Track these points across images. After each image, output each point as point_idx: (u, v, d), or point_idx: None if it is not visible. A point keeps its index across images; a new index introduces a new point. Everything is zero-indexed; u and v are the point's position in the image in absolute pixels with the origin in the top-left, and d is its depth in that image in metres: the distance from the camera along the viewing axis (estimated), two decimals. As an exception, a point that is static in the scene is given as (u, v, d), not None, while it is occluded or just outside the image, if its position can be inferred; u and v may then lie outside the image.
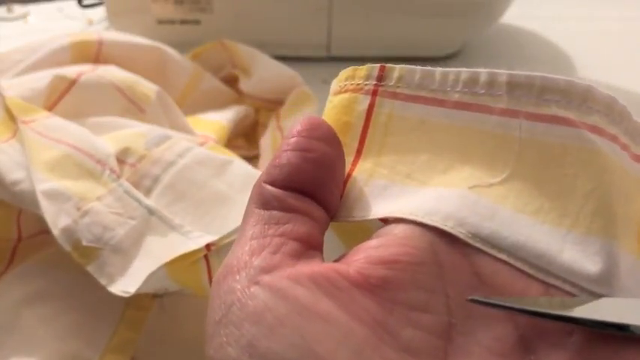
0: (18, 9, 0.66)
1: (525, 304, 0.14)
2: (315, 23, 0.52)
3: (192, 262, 0.23)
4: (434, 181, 0.16)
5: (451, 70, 0.17)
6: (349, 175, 0.18)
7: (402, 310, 0.14)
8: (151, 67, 0.41)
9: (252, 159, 0.39)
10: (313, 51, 0.54)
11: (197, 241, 0.25)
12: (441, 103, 0.17)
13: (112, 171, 0.27)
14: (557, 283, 0.15)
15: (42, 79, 0.34)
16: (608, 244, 0.15)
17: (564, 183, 0.15)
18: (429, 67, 0.18)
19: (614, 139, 0.16)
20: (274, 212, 0.16)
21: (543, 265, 0.15)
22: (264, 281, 0.14)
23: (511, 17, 0.58)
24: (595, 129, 0.16)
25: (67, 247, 0.25)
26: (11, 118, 0.30)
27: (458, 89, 0.17)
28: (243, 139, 0.44)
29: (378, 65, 0.18)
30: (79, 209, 0.25)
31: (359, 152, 0.18)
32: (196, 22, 0.53)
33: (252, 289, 0.14)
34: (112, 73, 0.36)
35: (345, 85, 0.19)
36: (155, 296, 0.27)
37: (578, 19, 0.64)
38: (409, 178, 0.17)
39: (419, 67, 0.18)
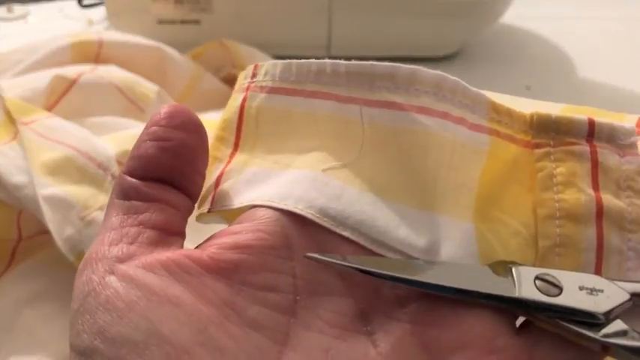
0: (18, 9, 0.67)
1: (364, 265, 0.15)
2: (315, 23, 0.52)
3: None
4: (295, 163, 0.18)
5: (305, 62, 0.18)
6: (225, 166, 0.19)
7: (250, 290, 0.15)
8: (151, 67, 0.41)
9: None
10: (313, 51, 0.54)
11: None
12: (298, 93, 0.18)
13: (114, 177, 0.27)
14: (396, 256, 0.16)
15: (42, 79, 0.34)
16: (434, 216, 0.16)
17: (401, 163, 0.17)
18: (289, 60, 0.19)
19: (444, 115, 0.17)
20: (133, 202, 0.16)
21: (384, 241, 0.16)
22: (118, 271, 0.15)
23: (511, 17, 0.58)
24: (422, 109, 0.17)
25: (70, 257, 0.25)
26: (11, 119, 0.30)
27: (310, 79, 0.18)
28: (243, 139, 0.44)
29: (254, 65, 0.20)
30: (82, 219, 0.26)
31: (236, 145, 0.19)
32: (196, 22, 0.53)
33: (106, 279, 0.15)
34: (112, 73, 0.36)
35: (235, 89, 0.20)
36: None
37: (578, 19, 0.64)
38: (276, 163, 0.18)
39: (280, 61, 0.19)
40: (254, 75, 0.20)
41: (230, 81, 0.46)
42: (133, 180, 0.17)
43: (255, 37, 0.48)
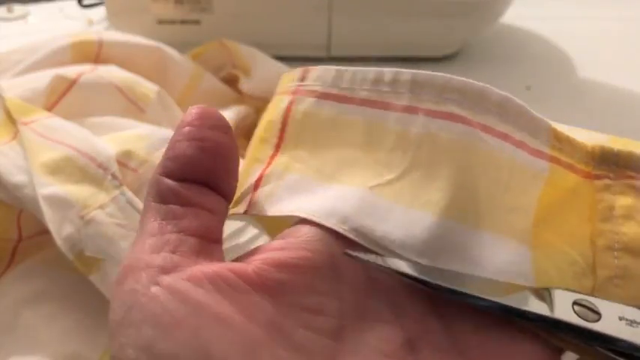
0: (18, 9, 0.66)
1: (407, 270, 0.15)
2: (315, 23, 0.52)
3: None
4: (340, 175, 0.17)
5: (360, 69, 0.18)
6: (266, 168, 0.18)
7: (297, 312, 0.15)
8: (151, 67, 0.41)
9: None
10: (313, 51, 0.54)
11: None
12: (349, 100, 0.18)
13: (114, 177, 0.27)
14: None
15: (42, 79, 0.34)
16: (486, 235, 0.16)
17: (457, 178, 0.16)
18: (343, 67, 0.18)
19: (504, 137, 0.17)
20: (171, 206, 0.16)
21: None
22: (163, 283, 0.14)
23: (511, 17, 0.58)
24: (486, 128, 0.17)
25: (70, 256, 0.25)
26: (11, 119, 0.30)
27: (365, 87, 0.18)
28: (243, 139, 0.43)
29: (303, 68, 0.19)
30: (81, 217, 0.25)
31: (277, 147, 0.19)
32: (196, 22, 0.53)
33: (152, 291, 0.14)
34: (112, 73, 0.36)
35: (278, 90, 0.20)
36: None
37: (578, 19, 0.64)
38: (319, 172, 0.18)
39: (334, 67, 0.19)
40: (303, 78, 0.19)
41: (230, 81, 0.46)
42: (171, 182, 0.16)
43: (255, 37, 0.48)
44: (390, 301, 0.15)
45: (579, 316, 0.15)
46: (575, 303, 0.15)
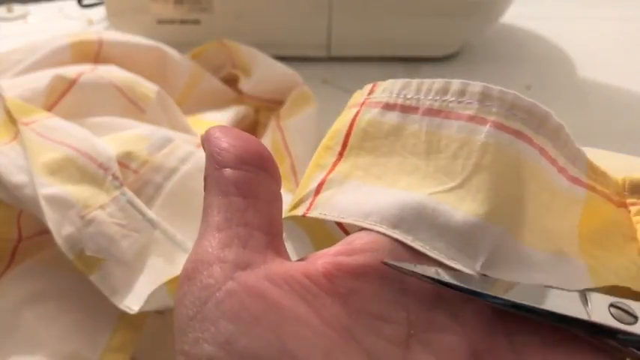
0: (18, 9, 0.66)
1: (450, 279, 0.15)
2: (315, 23, 0.52)
3: None
4: (401, 183, 0.18)
5: (426, 80, 0.19)
6: (327, 174, 0.19)
7: (367, 319, 0.15)
8: (151, 67, 0.41)
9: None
10: (313, 51, 0.54)
11: None
12: (413, 110, 0.18)
13: (115, 177, 0.27)
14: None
15: (42, 79, 0.34)
16: (536, 250, 0.17)
17: (511, 193, 0.17)
18: (409, 79, 0.19)
19: (553, 161, 0.18)
20: (233, 199, 0.16)
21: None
22: (240, 279, 0.14)
23: (511, 17, 0.58)
24: (542, 150, 0.18)
25: (70, 256, 0.25)
26: (12, 120, 0.30)
27: (430, 97, 0.18)
28: (243, 139, 0.43)
29: (373, 83, 0.20)
30: (82, 217, 0.25)
31: (340, 155, 0.19)
32: (196, 22, 0.53)
33: (228, 286, 0.14)
34: (111, 73, 0.36)
35: (348, 105, 0.20)
36: (158, 312, 0.27)
37: (578, 19, 0.64)
38: (380, 179, 0.18)
39: (401, 80, 0.19)
40: (371, 92, 0.20)
41: (230, 81, 0.46)
42: (230, 172, 0.16)
43: (255, 37, 0.48)
44: (456, 313, 0.16)
45: (615, 318, 0.15)
46: (611, 305, 0.15)
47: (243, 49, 0.45)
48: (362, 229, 0.17)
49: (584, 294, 0.15)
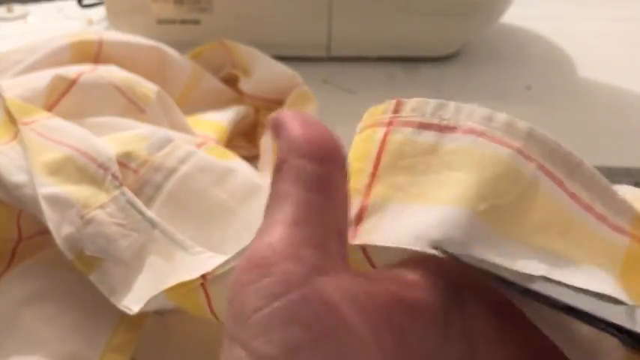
0: (18, 9, 0.66)
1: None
2: (315, 23, 0.52)
3: (189, 289, 0.23)
4: (443, 195, 0.17)
5: (466, 105, 0.18)
6: (366, 197, 0.18)
7: (414, 356, 0.15)
8: (151, 67, 0.41)
9: (252, 159, 0.39)
10: (313, 51, 0.54)
11: (198, 257, 0.25)
12: (452, 129, 0.18)
13: (114, 177, 0.27)
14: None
15: (42, 79, 0.34)
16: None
17: (547, 224, 0.17)
18: (443, 100, 0.19)
19: (588, 208, 0.18)
20: (315, 196, 0.15)
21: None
22: (317, 285, 0.14)
23: (511, 17, 0.58)
24: (574, 196, 0.18)
25: (70, 256, 0.25)
26: (12, 119, 0.30)
27: (472, 120, 0.18)
28: (243, 139, 0.43)
29: (395, 100, 0.19)
30: (81, 217, 0.25)
31: (373, 175, 0.19)
32: (196, 22, 0.53)
33: (305, 290, 0.13)
34: (111, 73, 0.36)
35: (367, 123, 0.20)
36: (157, 313, 0.27)
37: (578, 19, 0.64)
38: (421, 197, 0.18)
39: (432, 100, 0.19)
40: (396, 110, 0.19)
41: (230, 81, 0.46)
42: (314, 167, 0.15)
43: (255, 37, 0.48)
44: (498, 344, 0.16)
45: None
46: None
47: (243, 49, 0.45)
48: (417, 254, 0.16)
49: (631, 309, 0.15)
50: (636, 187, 0.22)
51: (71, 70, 0.35)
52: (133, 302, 0.24)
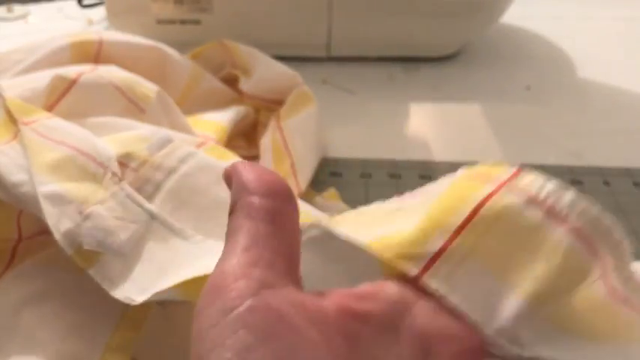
0: (18, 9, 0.67)
1: None
2: (315, 23, 0.52)
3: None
4: (523, 287, 0.17)
5: (576, 196, 0.18)
6: (447, 244, 0.18)
7: (365, 358, 0.16)
8: (151, 67, 0.41)
9: (252, 159, 0.39)
10: (313, 51, 0.54)
11: (199, 246, 0.25)
12: (560, 220, 0.18)
13: (114, 174, 0.27)
14: None
15: (42, 79, 0.34)
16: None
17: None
18: (562, 185, 0.18)
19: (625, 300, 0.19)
20: (262, 224, 0.17)
21: None
22: (264, 296, 0.15)
23: (511, 17, 0.58)
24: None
25: (69, 251, 0.25)
26: (12, 119, 0.30)
27: (576, 217, 0.18)
28: (243, 139, 0.44)
29: (516, 168, 0.19)
30: (80, 213, 0.25)
31: (466, 221, 0.18)
32: (196, 22, 0.53)
33: (252, 301, 0.15)
34: (112, 73, 0.36)
35: (479, 175, 0.19)
36: (159, 304, 0.27)
37: (578, 19, 0.64)
38: (501, 273, 0.18)
39: (553, 180, 0.18)
40: (515, 176, 0.19)
41: (230, 81, 0.46)
42: (260, 200, 0.18)
43: (255, 37, 0.48)
44: None
45: None
46: None
47: (243, 49, 0.45)
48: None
49: None
50: (635, 187, 0.21)
51: (71, 70, 0.35)
52: (134, 293, 0.24)
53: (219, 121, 0.40)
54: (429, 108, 0.49)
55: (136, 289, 0.24)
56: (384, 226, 0.20)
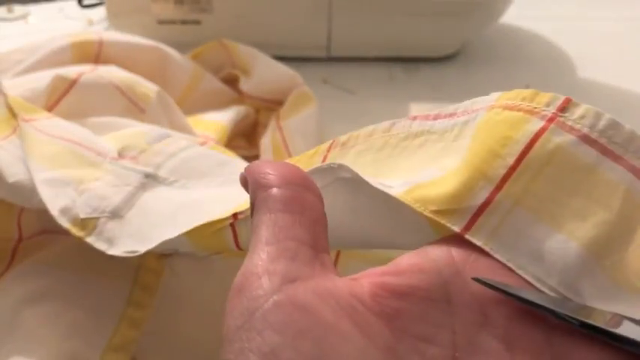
0: (18, 9, 0.67)
1: (531, 297, 0.15)
2: (315, 23, 0.52)
3: (216, 229, 0.22)
4: (579, 234, 0.16)
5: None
6: (495, 193, 0.17)
7: (411, 340, 0.15)
8: (151, 67, 0.41)
9: (252, 159, 0.39)
10: (313, 51, 0.54)
11: (197, 192, 0.25)
12: (617, 159, 0.16)
13: (112, 159, 0.28)
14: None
15: (42, 79, 0.34)
16: None
17: None
18: (617, 120, 0.17)
19: None
20: (280, 215, 0.17)
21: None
22: (288, 291, 0.15)
23: (511, 17, 0.58)
24: None
25: (66, 224, 0.25)
26: (13, 115, 0.30)
27: (635, 150, 0.16)
28: (243, 139, 0.44)
29: (564, 97, 0.17)
30: (76, 190, 0.26)
31: (512, 169, 0.17)
32: (196, 22, 0.53)
33: (276, 298, 0.14)
34: (112, 73, 0.36)
35: (520, 104, 0.18)
36: (163, 256, 0.27)
37: (578, 19, 0.64)
38: (554, 221, 0.16)
39: (608, 115, 0.17)
40: (563, 109, 0.17)
41: (230, 81, 0.46)
42: (277, 191, 0.17)
43: (255, 37, 0.48)
44: (503, 336, 0.15)
45: None
46: None
47: (243, 49, 0.45)
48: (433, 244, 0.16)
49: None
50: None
51: (71, 71, 0.35)
52: (136, 245, 0.24)
53: (219, 121, 0.40)
54: (429, 108, 0.49)
55: (135, 241, 0.24)
56: (413, 164, 0.19)
